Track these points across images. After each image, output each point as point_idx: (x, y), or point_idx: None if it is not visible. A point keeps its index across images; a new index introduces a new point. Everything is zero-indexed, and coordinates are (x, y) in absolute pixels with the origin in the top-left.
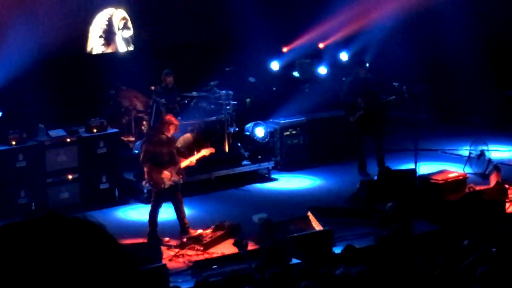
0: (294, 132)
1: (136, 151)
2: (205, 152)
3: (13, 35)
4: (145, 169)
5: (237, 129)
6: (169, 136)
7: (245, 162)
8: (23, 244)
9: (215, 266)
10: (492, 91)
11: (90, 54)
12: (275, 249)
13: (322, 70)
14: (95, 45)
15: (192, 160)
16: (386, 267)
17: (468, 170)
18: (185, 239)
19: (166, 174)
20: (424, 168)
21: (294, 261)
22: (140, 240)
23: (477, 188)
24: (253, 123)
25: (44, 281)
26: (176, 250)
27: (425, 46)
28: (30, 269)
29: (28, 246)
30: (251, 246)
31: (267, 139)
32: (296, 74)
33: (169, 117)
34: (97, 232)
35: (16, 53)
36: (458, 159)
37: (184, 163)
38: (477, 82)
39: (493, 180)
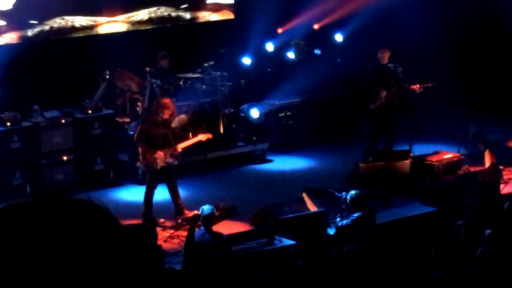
0: (289, 113)
1: (131, 132)
2: (201, 137)
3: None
4: (139, 149)
5: (232, 110)
6: (165, 118)
7: (240, 143)
8: (28, 225)
9: None
10: (487, 72)
11: (85, 35)
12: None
13: (317, 51)
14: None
15: (187, 144)
16: (380, 248)
17: (462, 151)
18: (180, 220)
19: (159, 154)
20: (419, 149)
21: (289, 242)
22: (135, 221)
23: (472, 169)
24: (248, 104)
25: (48, 264)
26: (171, 231)
27: (423, 27)
28: (35, 251)
29: (33, 227)
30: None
31: (262, 120)
32: (291, 55)
33: (166, 101)
34: (103, 215)
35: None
36: (453, 140)
37: (181, 146)
38: (474, 63)
39: (487, 161)
